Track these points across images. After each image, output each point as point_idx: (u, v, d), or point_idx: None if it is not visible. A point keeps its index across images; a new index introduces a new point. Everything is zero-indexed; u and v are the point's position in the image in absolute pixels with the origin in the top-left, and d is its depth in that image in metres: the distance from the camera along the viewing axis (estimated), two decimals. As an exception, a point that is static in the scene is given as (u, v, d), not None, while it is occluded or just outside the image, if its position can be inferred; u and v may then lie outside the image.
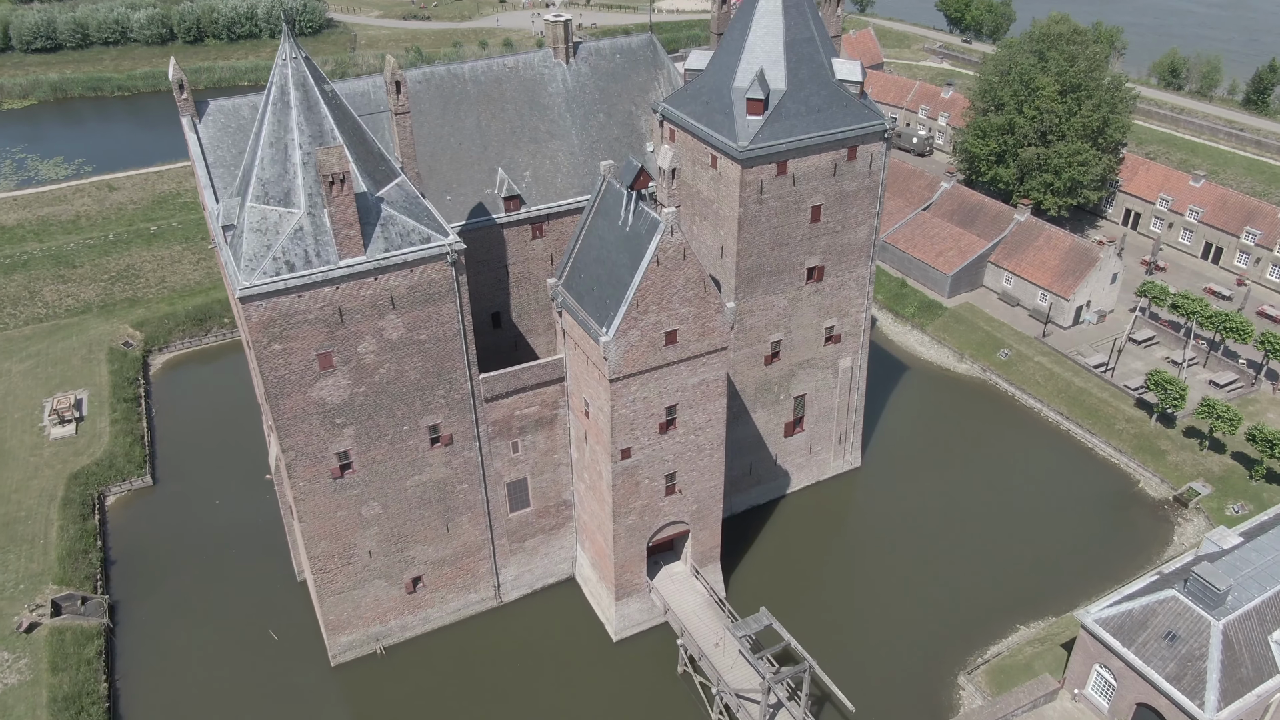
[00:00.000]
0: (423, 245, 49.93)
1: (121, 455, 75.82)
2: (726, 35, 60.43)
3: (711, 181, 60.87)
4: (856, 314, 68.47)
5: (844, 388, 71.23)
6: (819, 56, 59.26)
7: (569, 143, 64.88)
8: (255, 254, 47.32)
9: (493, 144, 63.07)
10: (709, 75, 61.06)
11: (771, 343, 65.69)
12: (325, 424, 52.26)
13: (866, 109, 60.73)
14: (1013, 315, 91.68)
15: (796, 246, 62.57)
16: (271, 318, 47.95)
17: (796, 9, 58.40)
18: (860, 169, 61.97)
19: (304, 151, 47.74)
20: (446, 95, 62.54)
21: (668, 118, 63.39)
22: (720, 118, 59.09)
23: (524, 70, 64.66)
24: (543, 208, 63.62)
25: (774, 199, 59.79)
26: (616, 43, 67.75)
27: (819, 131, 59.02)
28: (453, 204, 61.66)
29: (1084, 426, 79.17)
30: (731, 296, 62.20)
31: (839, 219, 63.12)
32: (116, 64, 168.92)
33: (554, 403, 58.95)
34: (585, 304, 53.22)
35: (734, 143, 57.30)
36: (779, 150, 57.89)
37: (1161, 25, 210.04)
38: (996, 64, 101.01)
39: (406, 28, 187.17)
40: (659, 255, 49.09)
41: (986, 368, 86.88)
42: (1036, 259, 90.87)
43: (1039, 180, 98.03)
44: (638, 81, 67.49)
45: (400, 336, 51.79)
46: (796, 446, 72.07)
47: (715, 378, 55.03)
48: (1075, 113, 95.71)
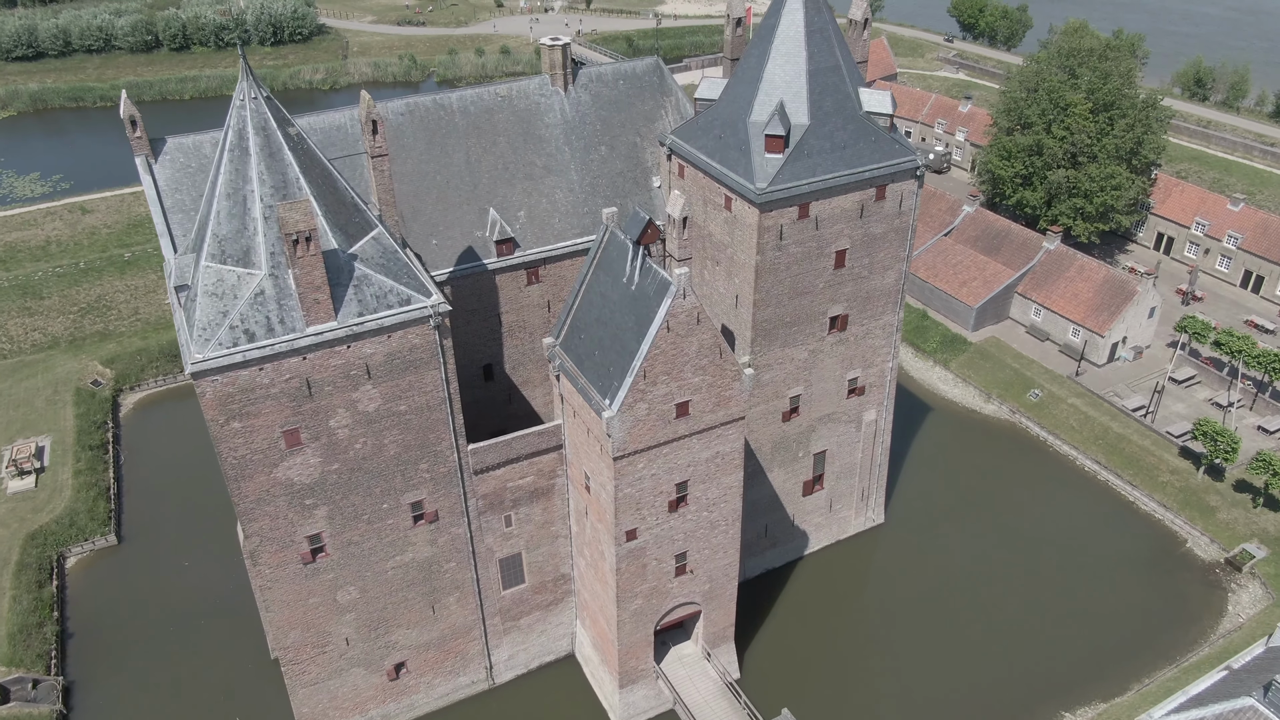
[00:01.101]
0: (402, 308, 44.13)
1: (84, 511, 69.99)
2: (742, 63, 54.54)
3: (725, 224, 55.03)
4: (882, 364, 62.64)
5: (867, 442, 65.41)
6: (845, 86, 53.38)
7: (567, 179, 59.01)
8: (210, 321, 41.53)
9: (483, 182, 57.21)
10: (722, 106, 55.18)
11: (790, 398, 59.87)
12: (293, 506, 46.48)
13: (897, 144, 54.86)
14: (1042, 351, 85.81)
15: (818, 294, 56.75)
16: (229, 393, 42.17)
17: (820, 34, 52.51)
18: (889, 210, 56.13)
19: (265, 205, 41.92)
20: (432, 128, 56.66)
21: (676, 152, 57.53)
22: (735, 155, 53.24)
23: (518, 99, 58.77)
24: (538, 251, 57.77)
25: (795, 244, 53.95)
26: (619, 68, 61.83)
27: (845, 170, 53.17)
28: (439, 249, 55.80)
29: (1124, 477, 73.33)
30: (747, 352, 56.39)
31: (865, 264, 57.28)
32: (100, 72, 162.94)
33: (551, 472, 53.15)
34: (586, 370, 47.38)
35: (751, 184, 51.46)
36: (801, 192, 52.05)
37: (1178, 31, 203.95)
38: (1023, 80, 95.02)
39: (400, 34, 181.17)
40: (669, 321, 43.25)
41: (1016, 409, 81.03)
42: (1068, 291, 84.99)
43: (1068, 205, 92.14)
44: (643, 110, 61.60)
45: (377, 408, 46.00)
46: (815, 505, 66.26)
47: (731, 450, 49.22)
48: (1107, 133, 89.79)
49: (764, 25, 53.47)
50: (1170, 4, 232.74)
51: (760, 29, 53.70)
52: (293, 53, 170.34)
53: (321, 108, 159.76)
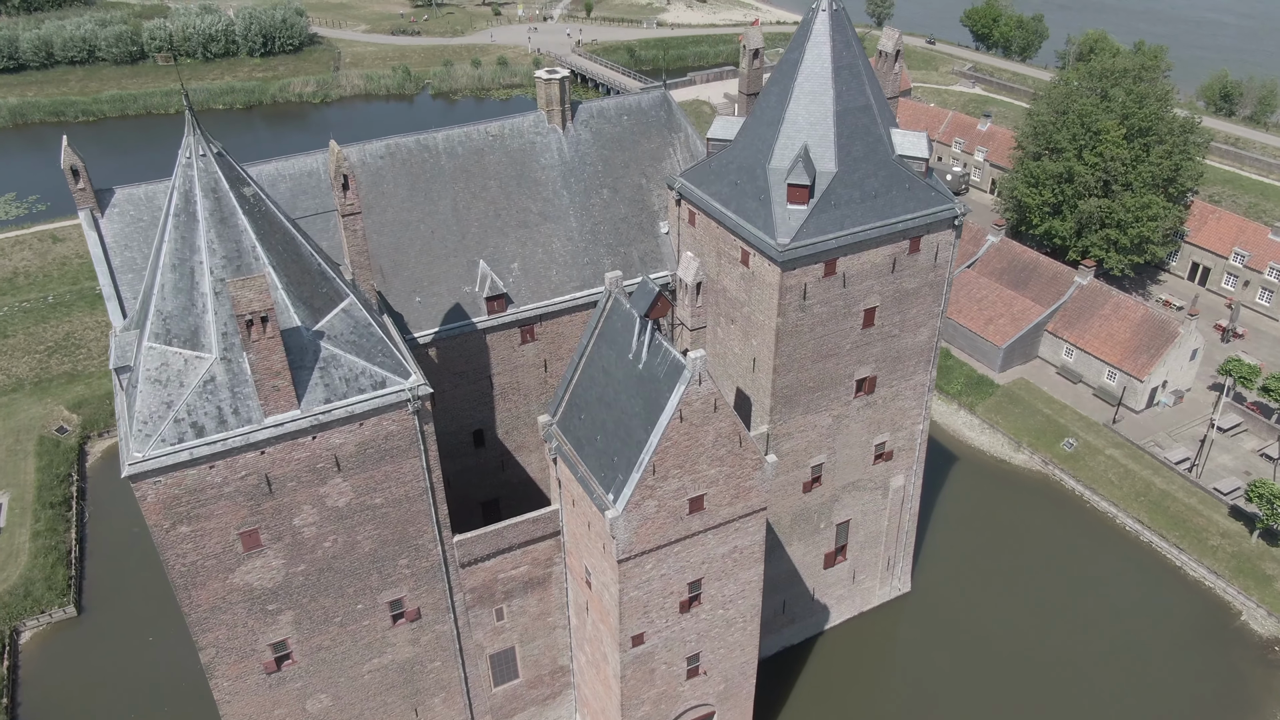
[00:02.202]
0: (375, 392, 38.49)
1: (41, 580, 64.31)
2: (761, 101, 48.89)
3: (741, 280, 49.38)
4: (912, 426, 56.98)
5: (895, 509, 59.75)
6: (876, 128, 47.73)
7: (566, 226, 53.38)
8: (152, 413, 35.90)
9: (473, 231, 51.57)
10: (739, 149, 49.54)
11: (811, 467, 54.23)
12: (254, 613, 40.84)
13: (933, 191, 49.22)
14: (1075, 395, 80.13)
15: (845, 356, 51.11)
16: (175, 495, 36.57)
17: (849, 70, 46.86)
18: (923, 263, 50.49)
19: (216, 278, 36.28)
20: (415, 173, 51.01)
21: (686, 197, 51.91)
22: (753, 204, 47.60)
23: (511, 138, 53.11)
24: (534, 307, 52.13)
25: (820, 304, 48.31)
26: (623, 102, 56.16)
27: (876, 222, 47.53)
28: (423, 307, 50.16)
29: (1169, 540, 67.64)
30: (766, 420, 50.74)
31: (896, 321, 51.64)
32: (83, 85, 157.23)
33: (547, 560, 47.52)
34: (586, 456, 41.73)
35: (772, 239, 45.82)
36: (828, 248, 46.41)
37: (1194, 39, 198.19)
38: (1051, 103, 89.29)
39: (395, 44, 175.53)
40: (683, 409, 37.59)
41: (1048, 460, 75.33)
42: (1103, 331, 79.31)
43: (1100, 235, 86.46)
44: (649, 149, 55.95)
45: (349, 503, 40.36)
46: (838, 577, 60.60)
47: (751, 543, 43.56)
48: (1143, 159, 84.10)
49: (786, 60, 47.81)
50: (1184, 11, 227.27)
51: (781, 64, 48.05)
52: (283, 64, 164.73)
53: (312, 121, 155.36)
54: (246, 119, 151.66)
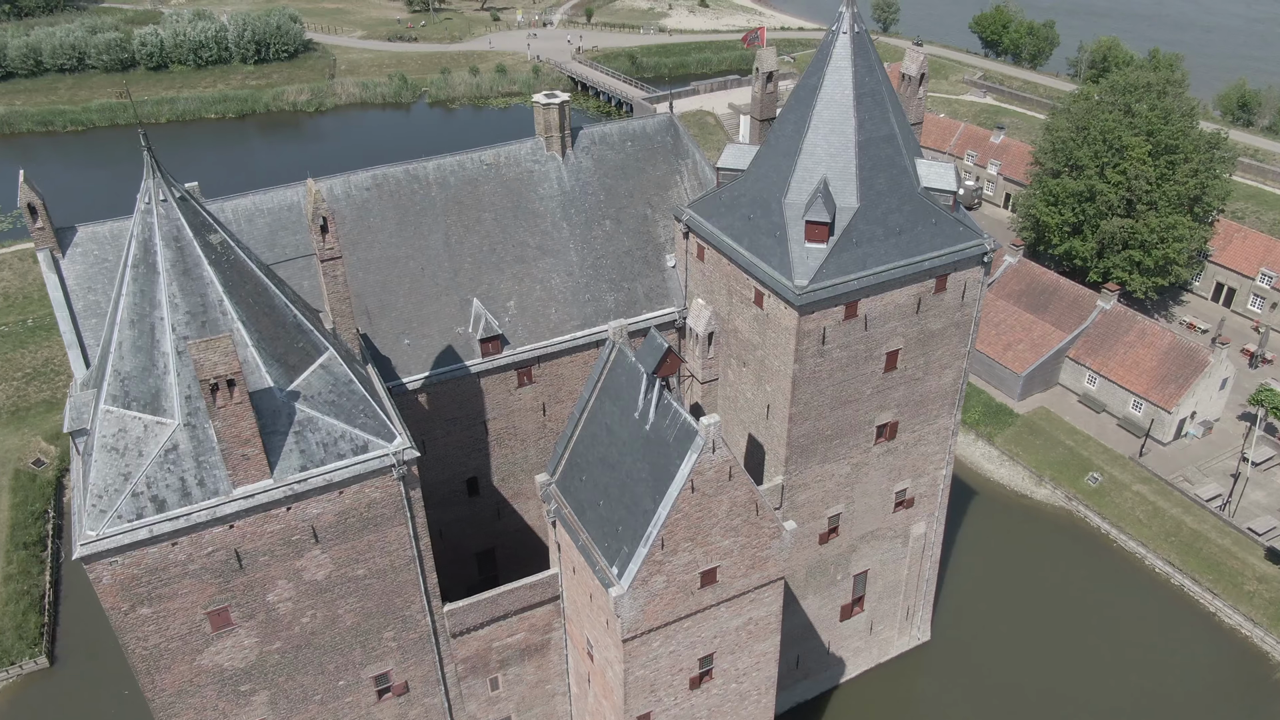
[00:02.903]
0: (356, 458, 35.04)
1: (12, 629, 60.83)
2: (776, 129, 45.40)
3: (755, 322, 45.88)
4: (935, 471, 53.50)
5: (915, 557, 56.25)
6: (901, 159, 44.25)
7: (565, 260, 49.89)
8: (108, 485, 32.46)
9: (466, 267, 48.08)
10: (751, 180, 46.05)
11: (828, 518, 50.76)
12: (225, 695, 37.39)
13: (961, 225, 45.73)
14: (1099, 425, 76.61)
15: (865, 402, 47.62)
16: (134, 575, 33.13)
17: (873, 97, 43.38)
18: (950, 302, 47.00)
19: (179, 336, 32.81)
20: (404, 205, 47.51)
21: (695, 230, 48.43)
22: (768, 241, 44.10)
23: (506, 167, 49.63)
24: (532, 348, 48.64)
25: (839, 348, 44.81)
26: (626, 127, 52.67)
27: (901, 261, 44.04)
28: (412, 350, 46.66)
29: (1202, 584, 64.11)
30: (781, 471, 47.25)
31: (920, 364, 48.16)
32: (72, 94, 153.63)
33: (546, 626, 44.06)
34: (588, 522, 38.26)
35: (789, 280, 42.32)
36: (849, 290, 42.92)
37: (1206, 45, 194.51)
38: (1071, 117, 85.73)
39: (391, 50, 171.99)
40: (695, 479, 34.11)
41: (1072, 495, 71.80)
42: (1128, 358, 75.79)
43: (1122, 256, 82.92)
44: (654, 177, 52.46)
45: (329, 575, 36.92)
46: (854, 629, 57.11)
47: (767, 614, 40.08)
48: (1168, 178, 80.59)
49: (803, 85, 44.32)
50: (1192, 15, 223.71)
51: (798, 90, 44.56)
52: (277, 71, 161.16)
53: (307, 131, 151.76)
54: (239, 129, 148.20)
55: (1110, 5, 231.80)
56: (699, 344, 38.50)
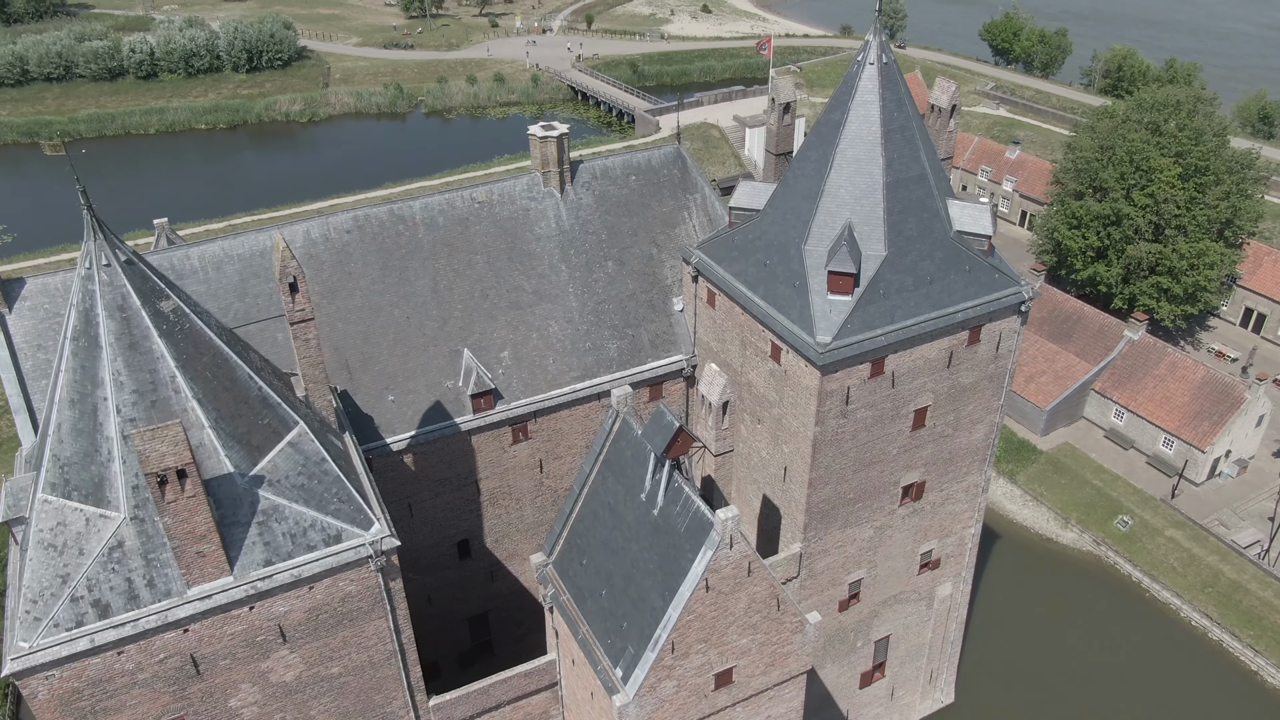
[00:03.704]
0: (329, 549, 31.15)
1: (-28, 690, 56.94)
2: (795, 167, 41.48)
3: (771, 378, 41.97)
4: (963, 531, 49.61)
5: (940, 619, 52.37)
6: (932, 201, 40.35)
7: (564, 306, 45.98)
8: (44, 588, 28.57)
9: (456, 315, 44.16)
10: (768, 222, 42.13)
11: (849, 584, 46.87)
12: (183, 806, 33.45)
13: (996, 273, 41.83)
14: (1127, 463, 72.69)
15: (891, 462, 43.71)
16: (75, 689, 29.23)
17: (902, 134, 39.48)
18: (983, 354, 43.10)
19: (124, 419, 28.91)
20: (388, 248, 43.60)
21: (705, 275, 44.53)
22: (786, 291, 40.20)
23: (500, 205, 45.71)
24: (528, 402, 44.73)
25: (864, 408, 40.91)
26: (630, 160, 48.73)
27: (932, 313, 40.15)
28: (397, 407, 42.77)
29: (1243, 639, 60.21)
30: (799, 538, 43.35)
31: (950, 420, 44.26)
32: (59, 104, 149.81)
33: (543, 713, 40.14)
34: (589, 613, 34.36)
35: (810, 337, 38.43)
36: (876, 346, 39.03)
37: (1220, 51, 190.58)
38: (1096, 137, 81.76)
39: (387, 58, 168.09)
40: (709, 577, 30.20)
41: (1100, 540, 67.88)
42: (1158, 393, 71.87)
43: (1150, 283, 78.98)
44: (660, 213, 48.56)
45: (299, 675, 33.00)
46: (874, 695, 53.22)
47: (787, 710, 36.17)
48: (1199, 201, 76.68)
49: (825, 120, 40.39)
50: (1204, 22, 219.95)
51: (820, 125, 40.64)
52: (269, 80, 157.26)
53: (300, 142, 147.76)
54: (230, 140, 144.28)
55: (1119, 10, 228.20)
56: (712, 413, 34.71)
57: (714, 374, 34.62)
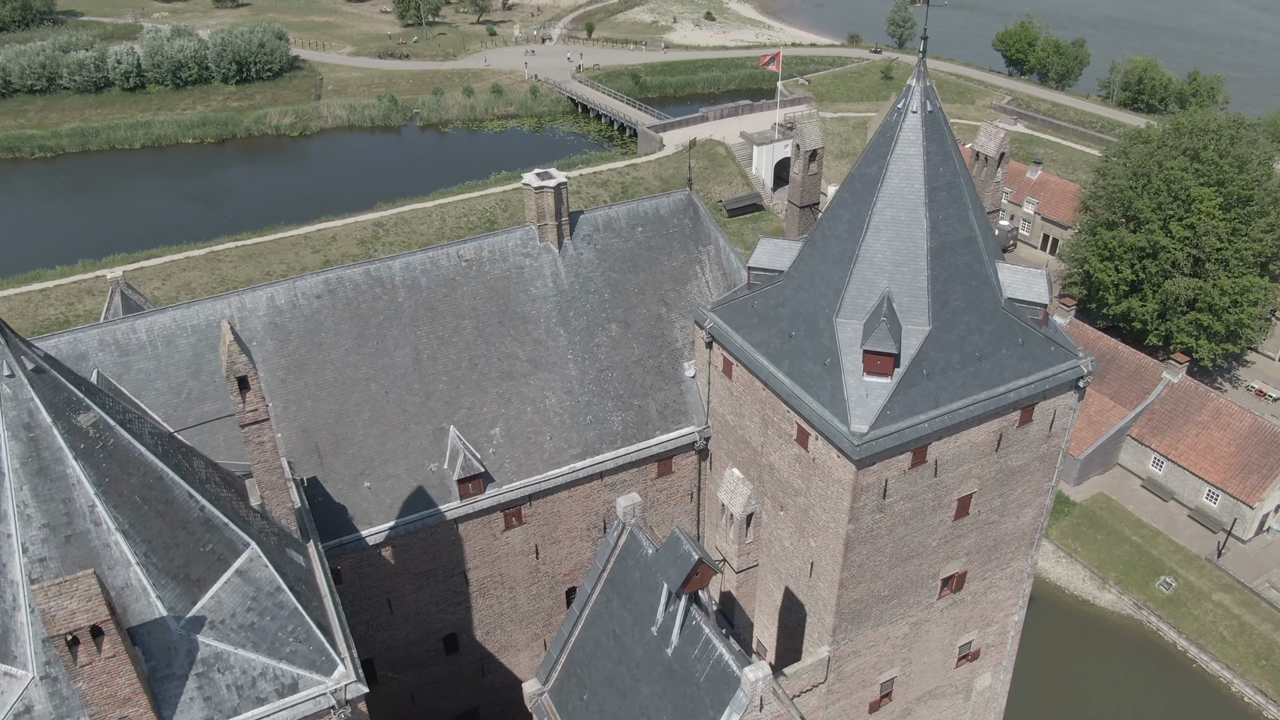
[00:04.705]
0: (282, 702, 26.25)
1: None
2: (825, 226, 36.58)
3: (796, 464, 37.09)
4: (1005, 619, 44.73)
5: (978, 711, 47.50)
6: (981, 268, 35.49)
7: (563, 374, 41.11)
8: (-65, 764, 23.68)
9: (440, 388, 39.29)
10: (792, 287, 37.24)
11: (880, 684, 41.98)
12: None
13: (1052, 345, 36.96)
14: (1168, 517, 67.81)
15: (930, 554, 38.84)
16: None
17: (949, 191, 34.62)
18: (1035, 435, 38.24)
19: (32, 559, 24.08)
20: (364, 314, 38.72)
21: (721, 342, 39.64)
22: (815, 369, 35.33)
23: (491, 263, 40.83)
24: (522, 485, 39.86)
25: (903, 500, 36.03)
26: (636, 208, 43.82)
27: (981, 394, 35.28)
28: (374, 495, 37.89)
29: (1303, 720, 55.41)
30: (827, 640, 38.47)
31: (995, 506, 39.39)
32: (42, 116, 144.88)
33: None
34: (591, 760, 29.47)
35: (844, 425, 33.56)
36: (919, 435, 34.16)
37: (1238, 61, 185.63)
38: (1130, 162, 76.83)
39: (381, 68, 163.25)
40: (735, 743, 25.30)
41: (1141, 603, 62.99)
42: (1201, 442, 66.98)
43: (1188, 319, 74.07)
44: (669, 268, 43.68)
45: (250, 840, 28.08)
46: (905, 794, 48.34)
47: None
48: (1241, 233, 71.81)
49: (860, 175, 35.52)
50: (1221, 29, 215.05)
51: (854, 180, 35.76)
52: (260, 92, 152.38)
53: (291, 156, 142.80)
54: (219, 155, 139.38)
55: (1130, 17, 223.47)
56: (734, 525, 29.97)
57: (736, 481, 29.90)
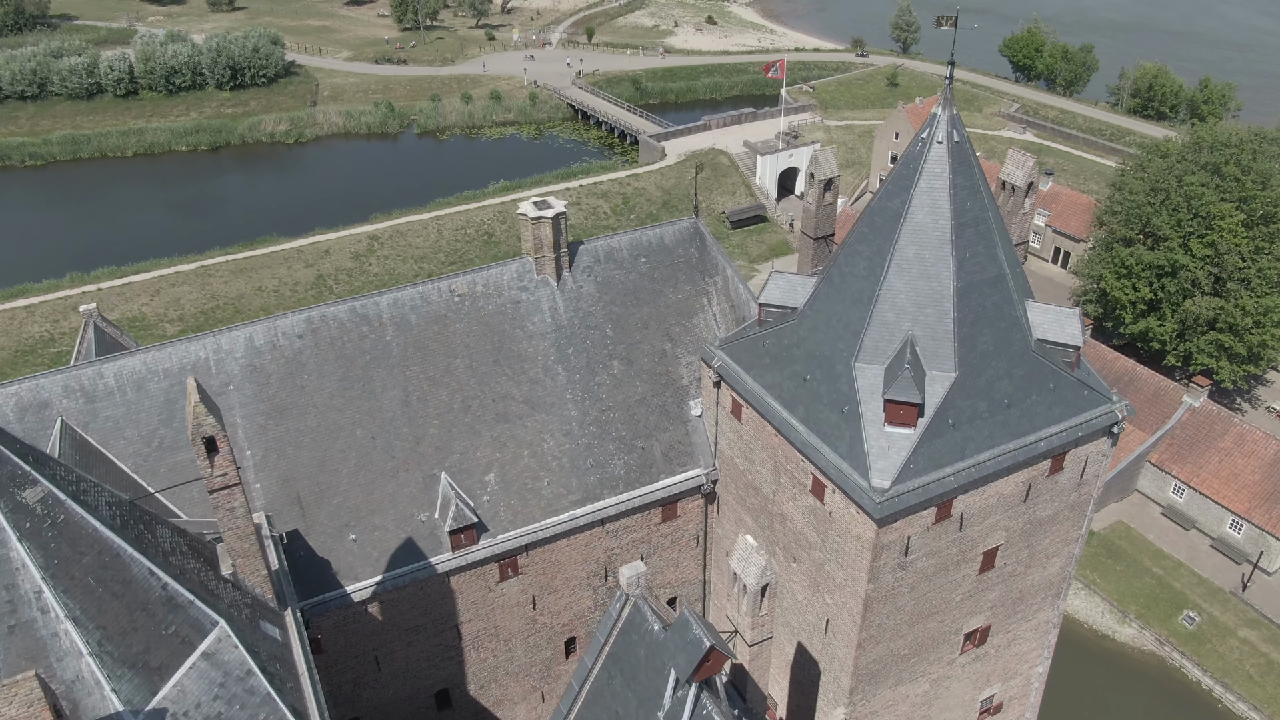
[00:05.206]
0: (252, 803, 23.85)
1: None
2: (842, 262, 34.19)
3: (811, 516, 34.71)
4: (1030, 670, 42.35)
5: (999, 764, 45.08)
6: (1011, 309, 33.10)
7: (561, 415, 38.71)
8: None
9: (431, 432, 36.88)
10: (807, 327, 34.84)
11: (900, 743, 39.60)
12: None
13: (1085, 389, 34.57)
14: (1189, 547, 65.42)
15: (953, 610, 36.47)
16: None
17: (977, 228, 32.26)
18: (1066, 483, 35.86)
19: (-31, 653, 21.64)
20: (349, 354, 36.31)
21: (729, 382, 37.26)
22: (832, 417, 32.94)
23: (485, 298, 38.42)
24: (517, 535, 37.47)
25: (926, 557, 33.65)
26: (639, 237, 41.38)
27: (1010, 443, 32.90)
28: (360, 548, 35.49)
29: (1336, 766, 53.01)
30: (844, 702, 36.06)
31: (1022, 558, 37.02)
32: (33, 123, 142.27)
33: None
34: None
35: (864, 480, 31.19)
36: (945, 490, 31.76)
37: (1245, 67, 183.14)
38: (1151, 179, 74.39)
39: (378, 74, 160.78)
40: None
41: (1163, 639, 60.59)
42: (1224, 469, 64.59)
43: (1208, 339, 71.67)
44: (674, 301, 41.26)
45: None
46: None
47: None
48: (1265, 252, 69.43)
49: (881, 209, 33.14)
50: (1228, 34, 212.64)
51: (874, 214, 33.38)
52: (254, 98, 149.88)
53: (286, 164, 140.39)
54: (213, 163, 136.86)
55: (1136, 21, 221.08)
56: (748, 596, 27.60)
57: (750, 550, 27.53)
